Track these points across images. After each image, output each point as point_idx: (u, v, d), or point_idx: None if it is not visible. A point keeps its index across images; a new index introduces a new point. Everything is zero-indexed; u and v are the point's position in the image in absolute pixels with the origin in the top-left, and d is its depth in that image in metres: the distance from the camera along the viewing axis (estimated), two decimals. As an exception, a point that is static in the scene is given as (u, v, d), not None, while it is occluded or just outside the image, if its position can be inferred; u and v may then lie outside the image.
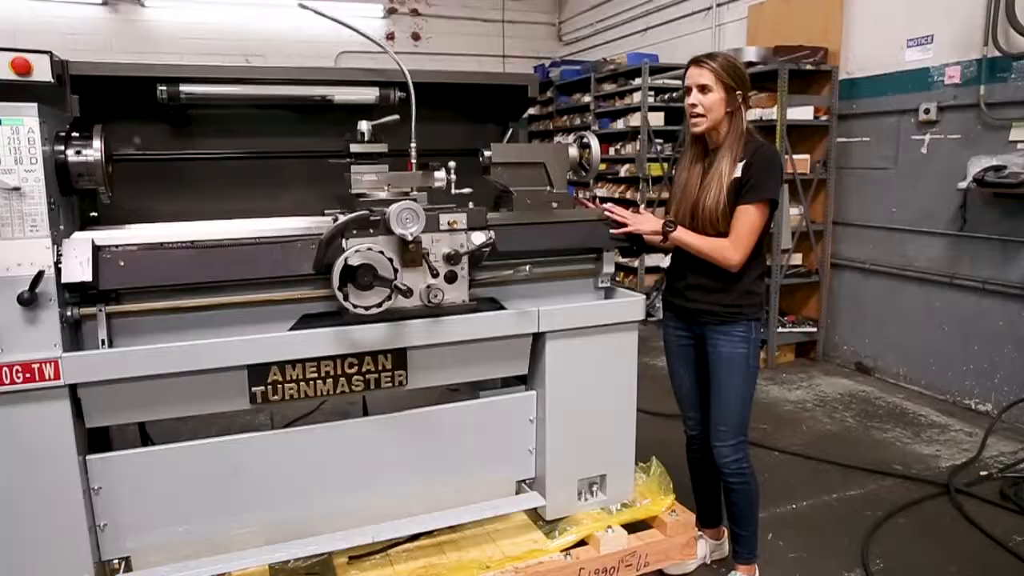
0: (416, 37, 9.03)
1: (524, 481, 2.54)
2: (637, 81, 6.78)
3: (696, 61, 2.32)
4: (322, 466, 2.24)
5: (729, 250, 2.29)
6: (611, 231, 2.46)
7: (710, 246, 2.32)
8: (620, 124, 7.27)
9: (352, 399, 2.35)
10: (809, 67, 5.11)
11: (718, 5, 6.52)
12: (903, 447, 3.96)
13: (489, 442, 2.46)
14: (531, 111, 9.35)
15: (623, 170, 7.21)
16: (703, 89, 2.28)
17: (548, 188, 2.49)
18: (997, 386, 4.36)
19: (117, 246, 1.97)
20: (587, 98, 7.84)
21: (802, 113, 5.16)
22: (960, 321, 4.55)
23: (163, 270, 2.00)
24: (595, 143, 2.54)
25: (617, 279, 7.50)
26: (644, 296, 2.50)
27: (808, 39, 5.29)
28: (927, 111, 4.57)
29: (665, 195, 6.87)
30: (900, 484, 3.50)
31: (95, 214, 2.42)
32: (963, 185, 4.25)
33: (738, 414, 2.39)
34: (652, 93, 6.71)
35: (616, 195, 7.40)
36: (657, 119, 6.73)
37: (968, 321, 4.50)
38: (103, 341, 1.96)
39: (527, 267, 2.24)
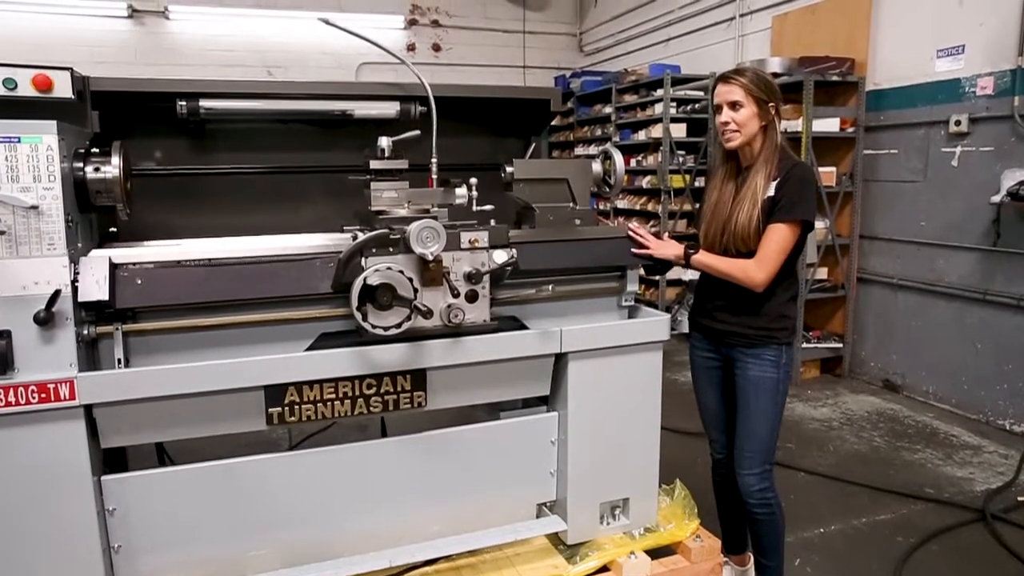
0: (436, 48, 9.04)
1: (545, 504, 2.48)
2: (659, 92, 6.71)
3: (724, 78, 2.27)
4: (340, 488, 2.19)
5: (753, 270, 2.21)
6: (633, 251, 2.40)
7: (733, 267, 2.25)
8: (641, 135, 7.20)
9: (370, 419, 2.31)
10: (835, 78, 5.02)
11: (741, 15, 6.45)
12: (934, 469, 3.84)
13: (509, 464, 2.40)
14: (552, 122, 9.32)
15: (644, 182, 7.14)
16: (734, 106, 2.23)
17: (571, 204, 2.44)
18: (1032, 406, 4.23)
19: (134, 264, 1.95)
20: (608, 109, 7.78)
21: (828, 125, 5.07)
22: (994, 338, 4.42)
23: (180, 288, 1.97)
24: (619, 158, 2.48)
25: (638, 292, 7.41)
26: (666, 310, 2.44)
27: (833, 49, 5.20)
28: (958, 123, 4.47)
29: (687, 207, 6.80)
30: (932, 509, 3.39)
31: (114, 229, 2.41)
32: (996, 199, 4.14)
33: (765, 441, 2.31)
34: (674, 104, 6.64)
35: (637, 207, 7.34)
36: (679, 131, 6.66)
37: (1002, 338, 4.37)
38: (120, 360, 1.94)
39: (550, 287, 2.18)
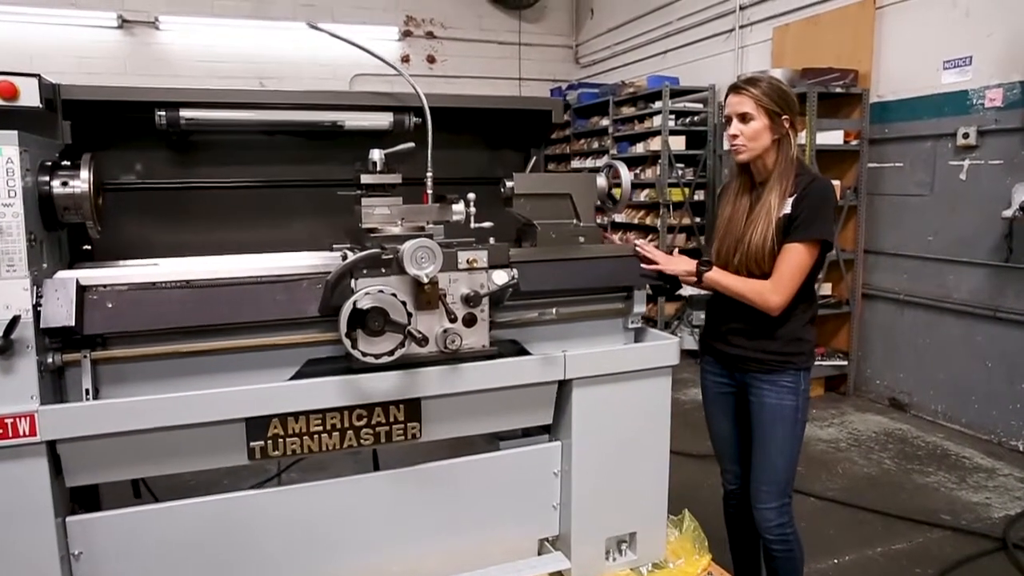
0: (431, 60, 8.94)
1: (547, 539, 2.33)
2: (657, 104, 6.61)
3: (735, 88, 2.15)
4: (329, 525, 2.04)
5: (769, 292, 2.08)
6: (642, 266, 2.27)
7: (748, 288, 2.12)
8: (639, 148, 7.10)
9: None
10: (839, 90, 4.92)
11: (741, 27, 6.36)
12: (948, 493, 3.70)
13: (509, 497, 2.25)
14: (547, 134, 9.22)
15: (643, 195, 7.02)
16: (744, 118, 2.11)
17: (574, 221, 2.30)
18: (1047, 427, 4.10)
19: (104, 286, 1.80)
20: (605, 121, 7.69)
21: (832, 138, 4.97)
22: (1005, 356, 4.30)
23: (155, 313, 1.82)
24: (625, 172, 2.35)
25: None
26: (665, 327, 2.30)
27: (837, 61, 5.11)
28: (966, 135, 4.36)
29: (686, 221, 6.68)
30: (950, 536, 3.25)
31: (88, 247, 2.26)
32: (1008, 213, 4.03)
33: (783, 473, 2.17)
34: (673, 116, 6.54)
35: (635, 221, 7.22)
36: (678, 143, 6.56)
37: (1014, 356, 4.25)
38: (87, 391, 1.78)
39: (554, 309, 2.04)
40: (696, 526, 2.55)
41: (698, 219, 6.66)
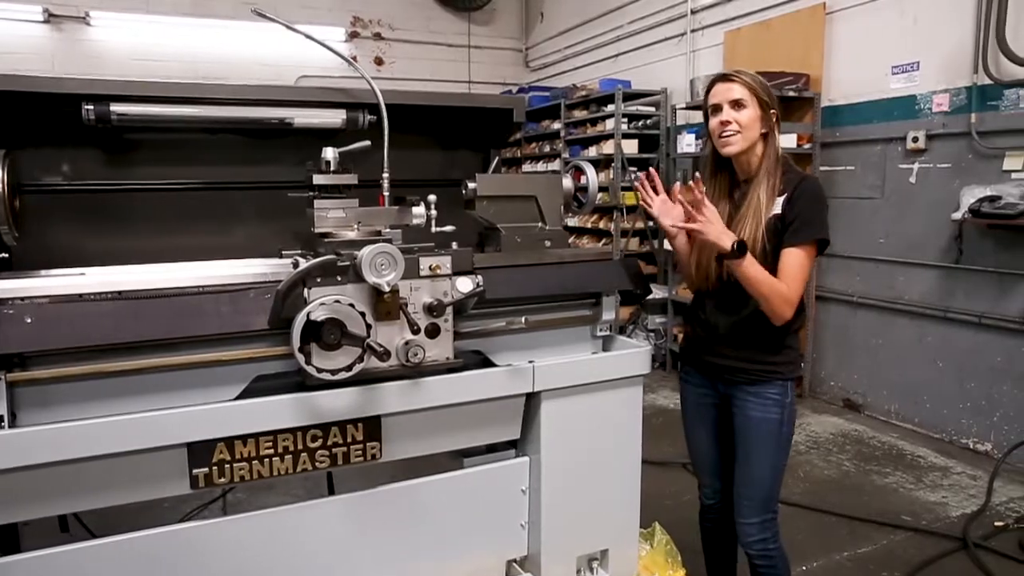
0: (379, 62, 8.75)
1: (515, 560, 2.21)
2: (609, 107, 6.58)
3: (724, 77, 2.05)
4: (281, 557, 1.87)
5: (784, 299, 1.93)
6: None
7: (772, 289, 1.92)
8: (592, 152, 7.05)
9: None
10: (791, 94, 4.95)
11: (693, 31, 6.37)
12: (908, 494, 3.72)
13: (475, 517, 2.12)
14: (498, 138, 9.12)
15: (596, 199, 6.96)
16: (736, 105, 2.00)
17: (540, 224, 2.19)
18: (996, 424, 4.17)
19: (22, 299, 1.61)
20: (557, 125, 7.63)
21: (784, 141, 4.94)
22: (955, 356, 4.37)
23: (82, 328, 1.63)
24: (592, 172, 2.25)
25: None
26: (620, 331, 2.21)
27: (788, 65, 5.14)
28: (915, 139, 4.43)
29: (640, 225, 6.64)
30: (912, 538, 3.25)
31: (5, 255, 2.05)
32: (957, 216, 4.09)
33: (767, 488, 2.09)
34: (625, 120, 6.52)
35: (588, 225, 7.17)
36: (631, 147, 6.53)
37: (964, 356, 4.32)
38: (3, 417, 1.58)
39: (523, 318, 1.93)
40: (668, 539, 2.48)
41: (651, 223, 6.64)
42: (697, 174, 1.95)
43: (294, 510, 1.90)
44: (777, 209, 1.98)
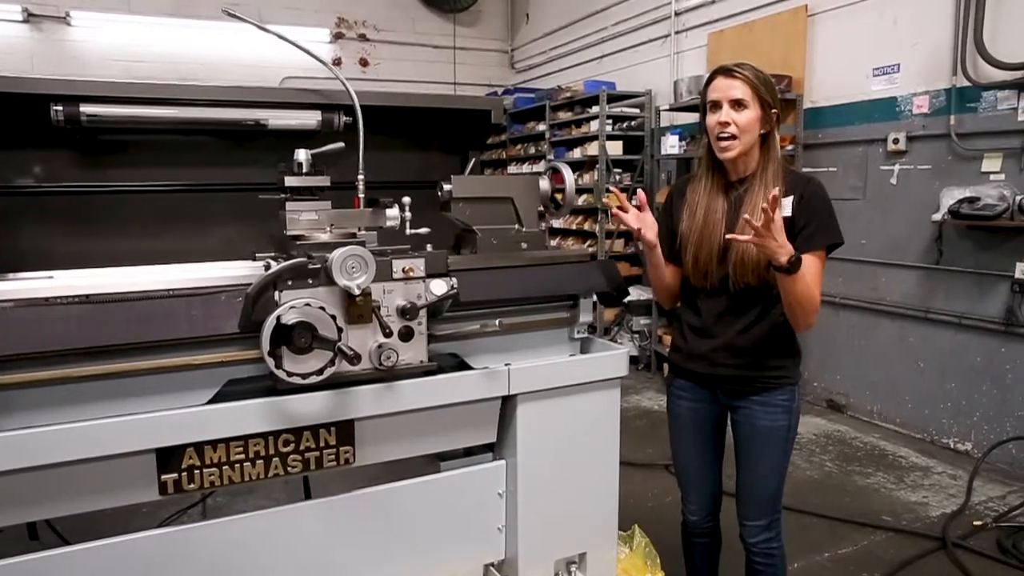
0: (364, 63, 8.72)
1: (492, 564, 2.19)
2: (594, 109, 6.59)
3: (725, 71, 1.93)
4: (256, 562, 1.85)
5: (816, 309, 1.89)
6: (734, 237, 1.85)
7: (813, 303, 1.86)
8: (577, 153, 7.05)
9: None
10: (773, 95, 4.95)
11: (676, 32, 6.39)
12: (888, 494, 3.74)
13: (452, 521, 2.10)
14: (483, 139, 9.10)
15: (580, 200, 6.98)
16: (737, 105, 1.90)
17: (516, 226, 2.18)
18: (976, 424, 4.20)
19: (-14, 303, 1.58)
20: (542, 127, 7.62)
21: (767, 142, 5.00)
22: (936, 357, 4.40)
23: (48, 332, 1.60)
24: (569, 175, 2.24)
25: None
26: (604, 333, 2.19)
27: (770, 67, 5.07)
28: (896, 141, 4.46)
29: (623, 226, 6.63)
30: (892, 538, 3.27)
31: (-24, 259, 2.03)
32: (937, 217, 4.12)
33: (773, 492, 2.06)
34: (610, 121, 6.52)
35: (573, 226, 7.17)
36: (615, 148, 6.54)
37: (944, 357, 4.35)
38: (-34, 423, 1.55)
39: (497, 321, 1.91)
40: (647, 542, 2.47)
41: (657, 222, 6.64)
42: (640, 191, 1.92)
43: (268, 515, 1.87)
44: (787, 211, 1.89)
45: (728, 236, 1.86)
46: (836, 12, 4.86)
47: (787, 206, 1.91)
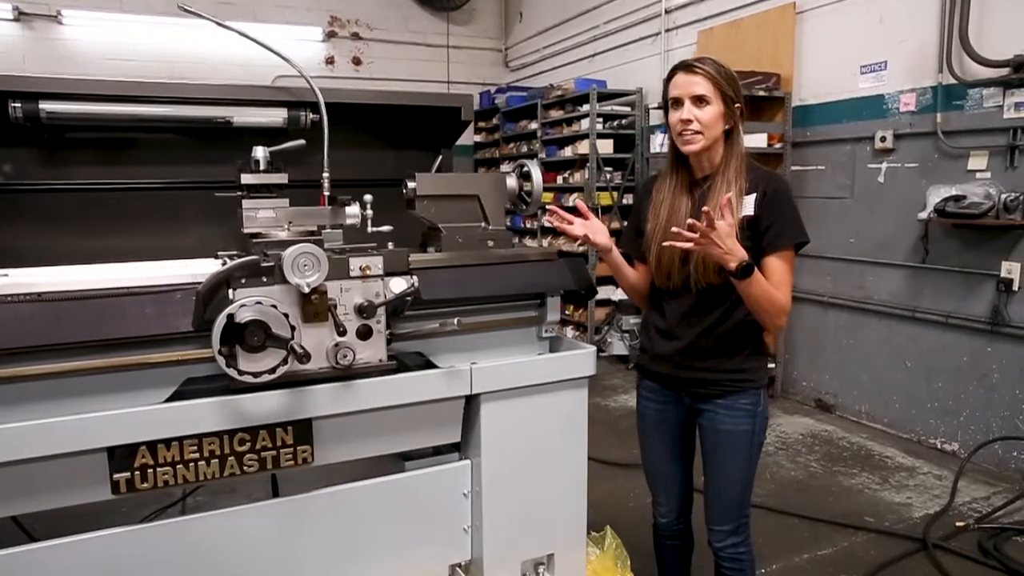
0: (357, 62, 8.70)
1: (458, 565, 2.17)
2: (585, 107, 6.56)
3: (686, 67, 1.90)
4: (215, 562, 1.83)
5: (782, 311, 1.85)
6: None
7: (775, 306, 1.82)
8: (568, 152, 7.04)
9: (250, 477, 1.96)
10: (762, 93, 4.94)
11: (667, 31, 6.36)
12: (872, 495, 3.71)
13: (417, 521, 2.08)
14: (477, 138, 9.10)
15: (571, 199, 6.96)
16: (699, 101, 1.87)
17: (483, 224, 2.16)
18: (963, 424, 4.17)
19: (-66, 301, 1.56)
20: (534, 125, 7.60)
21: (755, 140, 4.98)
22: (923, 356, 4.37)
23: (-1, 330, 1.59)
24: (536, 172, 2.22)
25: (567, 313, 7.21)
26: (596, 332, 2.16)
27: (759, 65, 5.13)
28: (883, 139, 4.43)
29: (615, 225, 6.61)
30: (874, 539, 3.24)
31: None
32: (923, 215, 4.09)
33: (738, 496, 2.03)
34: (600, 120, 6.50)
35: (566, 225, 7.13)
36: (606, 146, 6.52)
37: (931, 356, 4.32)
38: (-87, 422, 1.54)
39: (455, 320, 1.89)
40: (618, 543, 2.44)
41: (626, 222, 6.62)
42: (578, 199, 1.88)
43: (230, 514, 1.86)
44: (749, 210, 1.87)
45: (673, 230, 1.77)
46: (824, 9, 4.84)
47: (748, 204, 1.88)
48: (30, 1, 7.21)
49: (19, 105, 1.93)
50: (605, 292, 6.16)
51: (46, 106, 1.96)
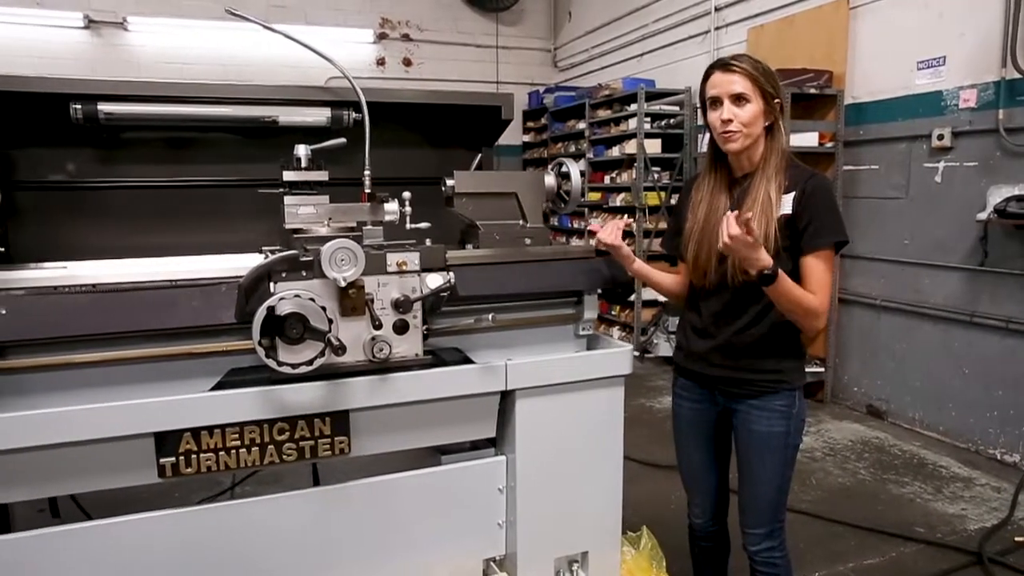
0: (407, 63, 8.81)
1: (492, 560, 2.19)
2: (633, 107, 6.52)
3: (723, 65, 1.87)
4: (255, 547, 1.89)
5: (816, 313, 1.82)
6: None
7: (808, 310, 1.80)
8: (615, 151, 7.00)
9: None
10: (813, 91, 4.83)
11: (716, 28, 6.27)
12: (924, 504, 3.59)
13: (452, 515, 2.11)
14: (525, 138, 9.13)
15: (618, 199, 6.92)
16: (738, 100, 1.84)
17: (521, 222, 2.18)
18: (1024, 434, 4.00)
19: (0, 290, 1.66)
20: (582, 125, 7.58)
21: (806, 140, 4.87)
22: (982, 363, 4.20)
23: (56, 319, 1.68)
24: (575, 171, 2.22)
25: (613, 313, 7.18)
26: (642, 332, 2.15)
27: (811, 62, 5.02)
28: (941, 137, 4.28)
29: (663, 225, 6.54)
30: (924, 551, 3.13)
31: (2, 249, 2.13)
32: (983, 216, 3.94)
33: (773, 500, 1.99)
34: (648, 119, 6.45)
35: (612, 225, 7.10)
36: (654, 146, 6.46)
37: (991, 363, 4.15)
38: (-22, 404, 1.63)
39: (490, 316, 1.91)
40: (654, 544, 2.43)
41: (672, 220, 6.54)
42: (593, 223, 1.87)
43: (267, 501, 1.92)
44: (787, 208, 1.84)
45: (732, 214, 1.72)
46: (879, 4, 4.70)
47: (787, 203, 1.85)
48: (99, 9, 7.52)
49: (79, 107, 2.02)
50: (651, 293, 6.11)
51: (104, 107, 2.04)
